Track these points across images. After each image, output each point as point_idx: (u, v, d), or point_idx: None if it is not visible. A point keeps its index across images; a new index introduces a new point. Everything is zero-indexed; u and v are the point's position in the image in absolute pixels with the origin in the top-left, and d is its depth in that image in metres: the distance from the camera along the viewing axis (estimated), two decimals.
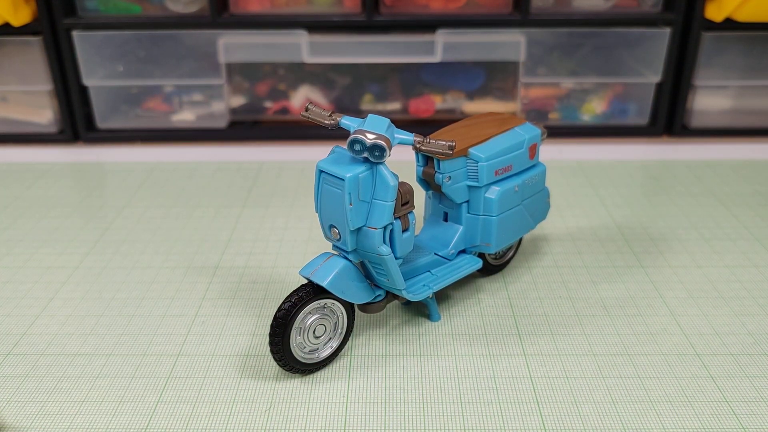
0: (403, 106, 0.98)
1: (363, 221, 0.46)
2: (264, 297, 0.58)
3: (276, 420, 0.45)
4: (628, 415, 0.45)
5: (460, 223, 0.55)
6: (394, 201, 0.46)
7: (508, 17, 0.91)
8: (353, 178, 0.44)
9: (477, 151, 0.52)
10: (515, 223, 0.56)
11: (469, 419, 0.45)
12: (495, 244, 0.55)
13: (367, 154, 0.44)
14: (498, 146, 0.53)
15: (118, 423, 0.45)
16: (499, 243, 0.55)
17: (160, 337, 0.53)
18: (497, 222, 0.54)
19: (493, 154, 0.53)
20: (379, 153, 0.44)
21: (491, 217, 0.54)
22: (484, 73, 0.96)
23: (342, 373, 0.49)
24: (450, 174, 0.52)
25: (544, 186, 0.59)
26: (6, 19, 0.87)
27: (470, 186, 0.53)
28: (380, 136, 0.44)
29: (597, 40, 0.92)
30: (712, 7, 0.89)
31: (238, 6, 0.92)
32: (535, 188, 0.57)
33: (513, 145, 0.54)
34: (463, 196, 0.54)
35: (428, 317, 0.55)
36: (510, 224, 0.56)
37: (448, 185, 0.52)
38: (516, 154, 0.55)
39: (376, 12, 0.92)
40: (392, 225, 0.47)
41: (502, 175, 0.54)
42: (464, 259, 0.56)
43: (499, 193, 0.54)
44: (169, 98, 0.96)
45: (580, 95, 0.97)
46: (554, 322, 0.55)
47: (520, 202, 0.56)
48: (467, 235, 0.55)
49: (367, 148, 0.44)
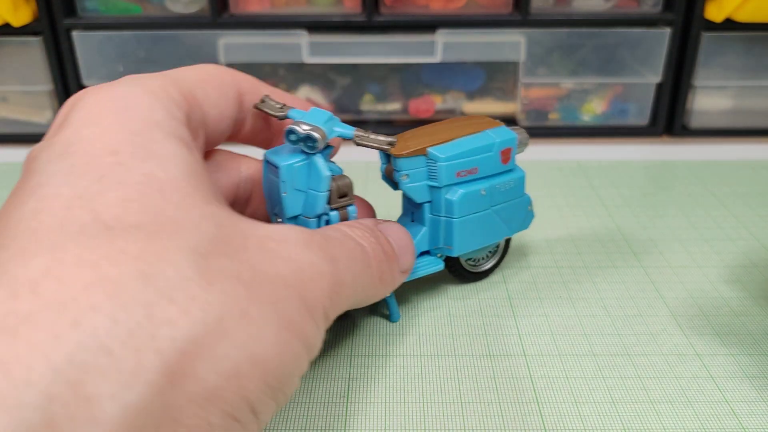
0: (403, 106, 0.98)
1: (299, 210, 0.48)
2: None
3: (276, 420, 0.45)
4: (628, 415, 0.45)
5: (424, 223, 0.54)
6: (326, 192, 0.47)
7: (508, 17, 0.91)
8: (288, 167, 0.46)
9: (436, 151, 0.51)
10: (483, 228, 0.55)
11: (469, 419, 0.45)
12: (457, 248, 0.54)
13: (302, 144, 0.46)
14: (462, 147, 0.52)
15: None
16: (462, 247, 0.54)
17: None
18: (459, 224, 0.53)
19: (455, 155, 0.52)
20: (311, 144, 0.45)
21: (452, 219, 0.53)
22: (484, 74, 0.96)
23: (342, 373, 0.49)
24: (407, 172, 0.51)
25: (523, 193, 0.57)
26: (6, 19, 0.87)
27: (432, 186, 0.52)
28: (314, 127, 0.46)
29: (597, 40, 0.92)
30: (712, 7, 0.89)
31: (238, 6, 0.92)
32: (509, 194, 0.56)
33: (480, 148, 0.53)
34: (423, 196, 0.53)
35: (388, 318, 0.55)
36: (476, 228, 0.54)
37: (405, 183, 0.52)
38: (483, 157, 0.53)
39: (376, 12, 0.92)
40: (328, 217, 0.48)
41: (465, 177, 0.53)
42: (425, 260, 0.55)
43: (460, 195, 0.52)
44: None
45: (580, 95, 0.97)
46: (554, 321, 0.55)
47: (488, 207, 0.54)
48: (431, 236, 0.54)
49: (300, 138, 0.46)
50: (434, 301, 0.57)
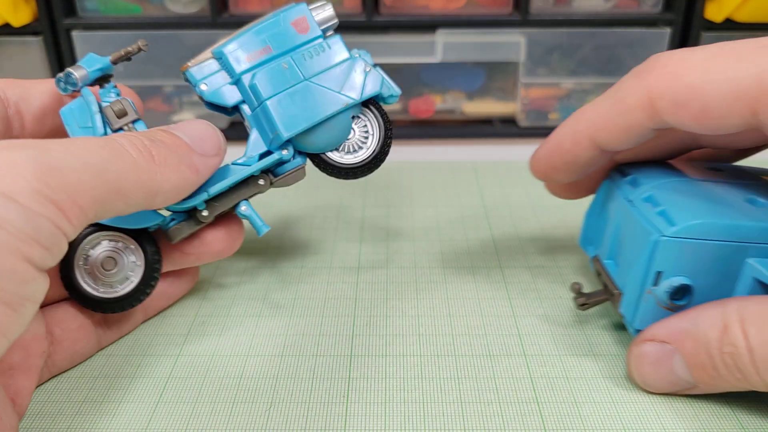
0: (403, 106, 0.98)
1: None
2: (264, 297, 0.58)
3: (276, 420, 0.45)
4: (628, 415, 0.45)
5: (252, 125, 0.52)
6: (97, 113, 0.49)
7: (508, 17, 0.91)
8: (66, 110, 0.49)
9: (219, 47, 0.51)
10: (307, 102, 0.51)
11: (469, 419, 0.45)
12: (282, 128, 0.50)
13: (65, 84, 0.49)
14: (243, 34, 0.51)
15: (118, 423, 0.45)
16: (288, 126, 0.50)
17: (160, 337, 0.53)
18: (272, 105, 0.50)
19: (237, 43, 0.51)
20: (71, 79, 0.49)
21: (264, 102, 0.50)
22: (484, 73, 0.96)
23: (342, 373, 0.49)
24: (204, 81, 0.52)
25: (348, 56, 0.52)
26: (6, 19, 0.87)
27: (235, 84, 0.51)
28: (75, 66, 0.49)
29: (597, 40, 0.92)
30: (712, 7, 0.89)
31: (238, 6, 0.92)
32: (326, 60, 0.52)
33: (263, 27, 0.51)
34: (232, 96, 0.52)
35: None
36: (297, 104, 0.51)
37: (207, 93, 0.51)
38: (270, 34, 0.51)
39: (376, 12, 0.92)
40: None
41: (259, 59, 0.51)
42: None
43: (259, 76, 0.50)
44: (169, 98, 0.96)
45: (580, 95, 0.97)
46: (554, 322, 0.55)
47: (302, 78, 0.51)
48: (262, 134, 0.52)
49: (61, 79, 0.49)
50: (434, 301, 0.57)
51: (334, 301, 0.58)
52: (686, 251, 0.43)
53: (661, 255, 0.44)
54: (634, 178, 0.51)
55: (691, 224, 0.43)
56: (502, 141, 0.97)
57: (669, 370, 0.45)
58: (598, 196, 0.55)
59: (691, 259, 0.44)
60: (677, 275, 0.44)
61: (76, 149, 0.38)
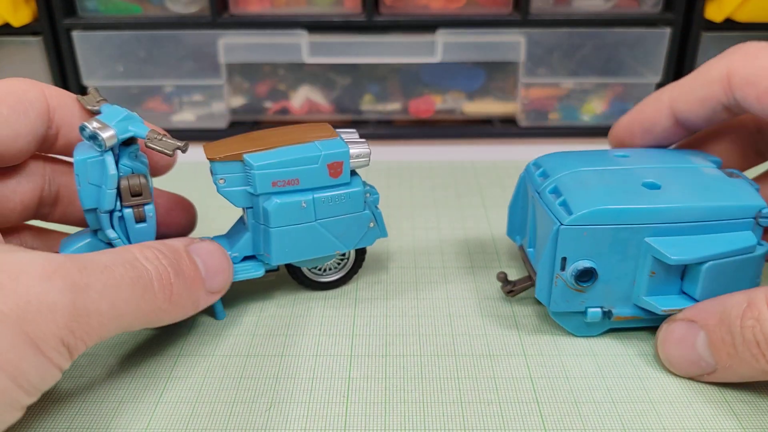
0: (403, 106, 0.98)
1: (94, 204, 0.49)
2: (264, 297, 0.58)
3: (276, 420, 0.45)
4: (628, 415, 0.45)
5: (249, 229, 0.54)
6: (113, 189, 0.48)
7: (508, 17, 0.91)
8: (81, 161, 0.47)
9: (251, 158, 0.51)
10: (306, 241, 0.54)
11: (469, 419, 0.45)
12: (275, 257, 0.53)
13: (92, 141, 0.47)
14: (281, 157, 0.51)
15: (118, 423, 0.45)
16: (279, 256, 0.54)
17: (161, 338, 0.53)
18: (275, 234, 0.52)
19: (272, 164, 0.51)
20: (97, 142, 0.47)
21: (269, 228, 0.52)
22: (484, 73, 0.96)
23: (342, 373, 0.49)
24: (224, 177, 0.52)
25: (361, 209, 0.55)
26: (6, 19, 0.87)
27: (252, 193, 0.52)
28: (103, 126, 0.47)
29: (597, 40, 0.92)
30: (712, 7, 0.89)
31: (238, 6, 0.92)
32: (340, 209, 0.54)
33: (302, 159, 0.51)
34: (241, 201, 0.53)
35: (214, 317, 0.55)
36: (297, 240, 0.53)
37: (221, 187, 0.52)
38: (306, 169, 0.52)
39: (376, 12, 0.92)
40: (122, 213, 0.49)
41: (284, 187, 0.52)
42: (248, 264, 0.55)
43: (275, 205, 0.51)
44: (169, 98, 0.96)
45: (580, 95, 0.97)
46: (554, 322, 0.55)
47: (313, 219, 0.53)
48: (254, 241, 0.54)
49: (90, 136, 0.47)
50: (434, 301, 0.57)
51: (334, 300, 0.58)
52: (586, 237, 0.48)
53: (563, 242, 0.48)
54: (543, 171, 0.54)
55: (586, 212, 0.47)
56: (502, 141, 0.97)
57: (691, 349, 0.46)
58: (517, 188, 0.59)
59: (590, 243, 0.48)
60: (581, 259, 0.48)
61: (110, 287, 0.40)
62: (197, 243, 0.49)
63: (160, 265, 0.44)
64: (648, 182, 0.51)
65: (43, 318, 0.36)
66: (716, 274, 0.47)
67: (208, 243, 0.50)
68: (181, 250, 0.47)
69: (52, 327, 0.36)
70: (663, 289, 0.49)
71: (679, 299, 0.49)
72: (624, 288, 0.50)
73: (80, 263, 0.39)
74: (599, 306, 0.50)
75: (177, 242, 0.48)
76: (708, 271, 0.47)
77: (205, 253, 0.49)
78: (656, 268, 0.48)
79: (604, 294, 0.50)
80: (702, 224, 0.48)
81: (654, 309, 0.49)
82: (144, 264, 0.43)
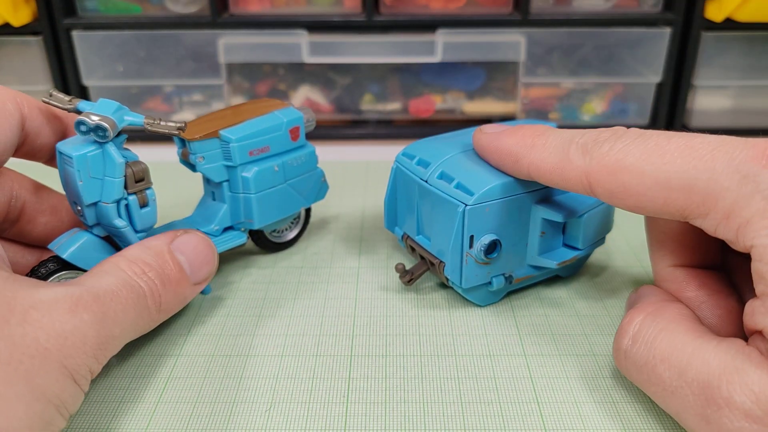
0: (403, 106, 0.98)
1: (97, 197, 0.49)
2: (264, 297, 0.58)
3: (276, 420, 0.45)
4: (628, 415, 0.45)
5: (224, 201, 0.58)
6: (122, 177, 0.49)
7: (508, 17, 0.91)
8: (81, 157, 0.48)
9: (228, 133, 0.55)
10: (280, 201, 0.60)
11: (469, 419, 0.45)
12: (257, 221, 0.58)
13: (93, 134, 0.48)
14: (252, 128, 0.56)
15: (118, 423, 0.45)
16: (262, 219, 0.59)
17: (160, 337, 0.53)
18: (257, 199, 0.57)
19: (246, 136, 0.56)
20: (102, 133, 0.48)
21: (250, 195, 0.57)
22: (484, 73, 0.96)
23: (342, 373, 0.49)
24: (203, 155, 0.55)
25: (315, 167, 0.62)
26: (6, 19, 0.87)
27: (228, 166, 0.56)
28: (104, 117, 0.48)
29: (597, 40, 0.92)
30: (712, 7, 0.89)
31: (238, 6, 0.92)
32: (302, 168, 0.61)
33: (269, 128, 0.57)
34: (220, 175, 0.57)
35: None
36: (273, 202, 0.59)
37: (201, 165, 0.55)
38: (273, 136, 0.58)
39: (376, 12, 0.92)
40: (127, 200, 0.50)
41: (258, 155, 0.57)
42: (229, 234, 0.59)
43: (255, 173, 0.57)
44: (169, 98, 0.96)
45: (580, 95, 0.97)
46: (554, 322, 0.55)
47: (283, 181, 0.59)
48: (232, 212, 0.59)
49: (91, 129, 0.47)
50: (434, 301, 0.58)
51: (334, 301, 0.58)
52: (488, 213, 0.52)
53: (470, 221, 0.51)
54: (420, 160, 0.57)
55: (485, 190, 0.51)
56: None
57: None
58: (392, 180, 0.61)
59: (493, 218, 0.52)
60: (485, 234, 0.52)
61: (119, 313, 0.42)
62: (180, 237, 0.51)
63: (149, 279, 0.46)
64: None
65: (77, 350, 0.39)
66: (591, 222, 0.54)
67: (192, 236, 0.52)
68: (165, 253, 0.48)
69: (84, 357, 0.39)
70: (551, 246, 0.55)
71: (565, 252, 0.55)
72: (520, 252, 0.55)
73: (92, 293, 0.41)
74: (501, 273, 0.55)
75: (160, 243, 0.49)
76: (586, 222, 0.54)
77: (189, 248, 0.51)
78: (545, 228, 0.54)
79: (505, 261, 0.54)
80: None
81: (549, 265, 0.54)
82: (138, 282, 0.45)
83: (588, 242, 0.55)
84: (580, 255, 0.55)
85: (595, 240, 0.57)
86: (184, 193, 0.79)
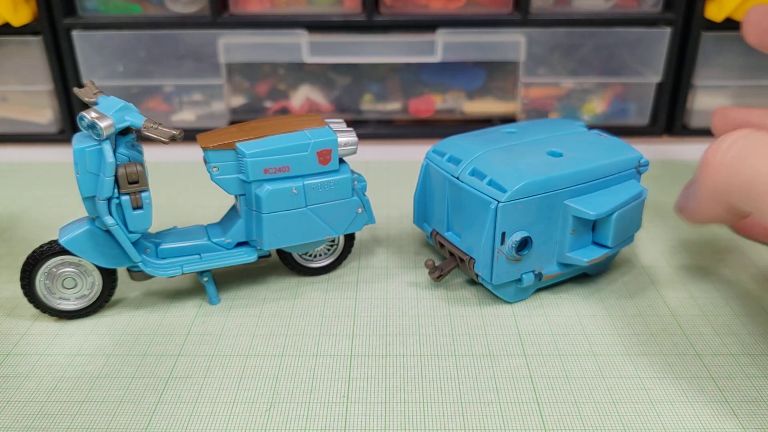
0: (403, 105, 0.98)
1: (93, 191, 0.50)
2: (264, 297, 0.58)
3: (276, 420, 0.45)
4: (628, 415, 0.45)
5: (242, 215, 0.56)
6: (111, 177, 0.49)
7: (508, 17, 0.91)
8: (79, 150, 0.49)
9: (244, 147, 0.53)
10: (297, 226, 0.55)
11: (469, 419, 0.45)
12: (267, 242, 0.55)
13: (90, 131, 0.49)
14: (272, 145, 0.53)
15: (118, 423, 0.45)
16: (272, 241, 0.55)
17: (160, 337, 0.53)
18: (267, 220, 0.54)
19: (263, 152, 0.53)
20: (96, 131, 0.48)
21: (261, 213, 0.54)
22: (484, 73, 0.96)
23: (342, 373, 0.49)
24: (217, 165, 0.54)
25: (350, 195, 0.57)
26: (6, 19, 0.87)
27: (244, 180, 0.54)
28: (101, 116, 0.48)
29: (597, 39, 0.92)
30: (712, 7, 0.89)
31: (238, 6, 0.92)
32: (330, 195, 0.56)
33: (292, 147, 0.54)
34: (234, 188, 0.55)
35: (208, 301, 0.57)
36: (288, 225, 0.55)
37: (215, 175, 0.54)
38: (295, 156, 0.54)
39: (376, 12, 0.92)
40: (119, 200, 0.51)
41: (275, 174, 0.54)
42: (240, 249, 0.57)
43: (267, 192, 0.54)
44: (169, 98, 0.96)
45: (580, 95, 0.97)
46: (554, 322, 0.55)
47: (303, 205, 0.55)
48: (247, 227, 0.56)
49: (89, 125, 0.48)
50: (434, 301, 0.58)
51: (334, 301, 0.58)
52: (520, 209, 0.52)
53: (502, 218, 0.52)
54: (451, 157, 0.57)
55: (518, 187, 0.51)
56: None
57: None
58: (422, 178, 0.61)
59: (524, 214, 0.52)
60: (517, 231, 0.52)
61: None
62: None
63: None
64: (551, 151, 0.56)
65: None
66: (621, 220, 0.54)
67: None
68: None
69: None
70: (581, 243, 0.55)
71: (595, 249, 0.55)
72: (550, 249, 0.55)
73: None
74: (531, 270, 0.55)
75: None
76: (617, 220, 0.54)
77: None
78: (576, 226, 0.54)
79: (536, 258, 0.55)
80: (602, 180, 0.55)
81: (579, 262, 0.55)
82: None
83: (617, 240, 0.55)
84: (609, 253, 0.55)
85: (625, 238, 0.56)
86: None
